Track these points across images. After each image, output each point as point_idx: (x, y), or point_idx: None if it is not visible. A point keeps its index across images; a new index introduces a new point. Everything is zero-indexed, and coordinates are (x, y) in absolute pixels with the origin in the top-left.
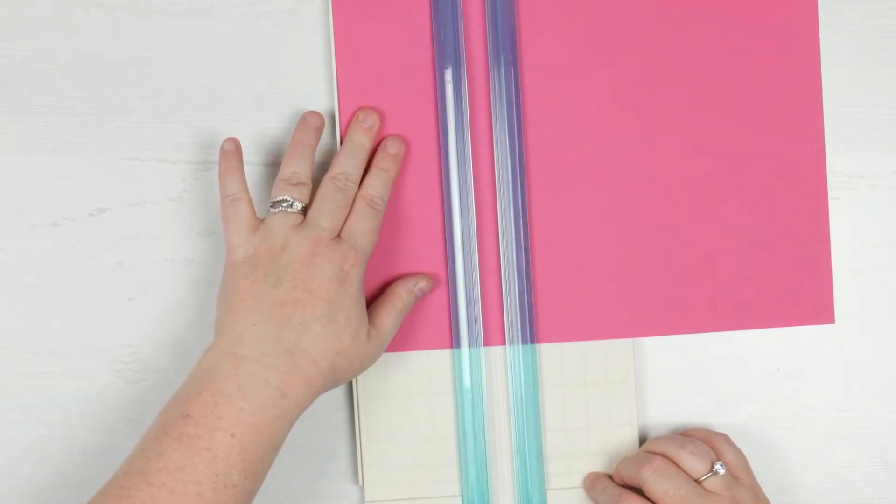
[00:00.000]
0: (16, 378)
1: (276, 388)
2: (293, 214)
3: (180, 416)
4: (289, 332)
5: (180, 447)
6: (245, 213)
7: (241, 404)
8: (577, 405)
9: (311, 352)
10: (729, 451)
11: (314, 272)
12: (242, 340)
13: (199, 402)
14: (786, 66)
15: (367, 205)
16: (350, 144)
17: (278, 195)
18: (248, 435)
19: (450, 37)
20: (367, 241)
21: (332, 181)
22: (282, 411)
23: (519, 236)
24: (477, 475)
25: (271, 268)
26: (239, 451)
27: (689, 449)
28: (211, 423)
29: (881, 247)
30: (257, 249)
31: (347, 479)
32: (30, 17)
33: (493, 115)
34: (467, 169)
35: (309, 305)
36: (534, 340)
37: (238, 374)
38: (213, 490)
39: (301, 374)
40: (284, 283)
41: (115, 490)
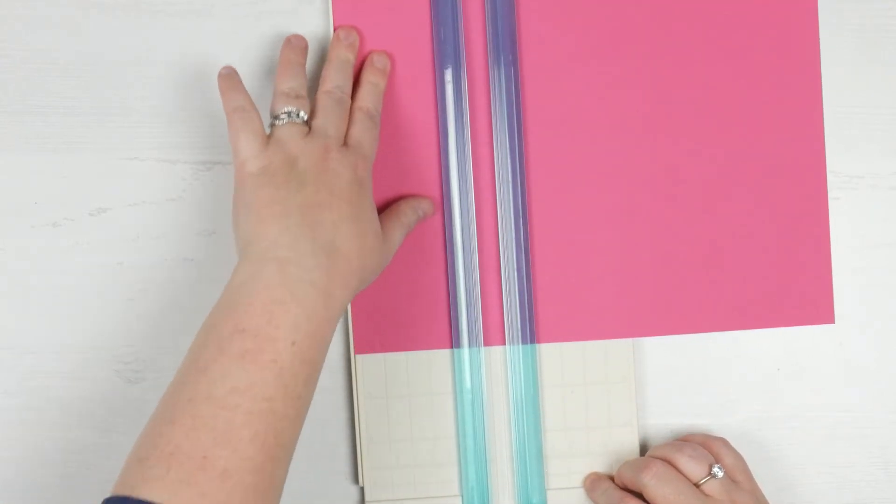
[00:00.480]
0: (16, 378)
1: (322, 289)
2: (300, 125)
3: (235, 331)
4: (322, 232)
5: (244, 363)
6: (257, 124)
7: (296, 310)
8: (577, 405)
9: (344, 250)
10: (727, 454)
11: (332, 176)
12: (279, 244)
13: (252, 313)
14: (786, 66)
15: (364, 115)
16: (336, 61)
17: (282, 108)
18: (306, 341)
19: (450, 36)
20: (372, 149)
21: (328, 95)
22: (330, 313)
23: (519, 236)
24: (477, 475)
25: (291, 175)
26: (301, 359)
27: (686, 453)
28: (270, 334)
29: (881, 247)
30: (271, 160)
31: (347, 480)
32: (30, 17)
33: (493, 114)
34: (467, 169)
35: (335, 207)
36: (534, 340)
37: (285, 279)
38: (284, 404)
39: (340, 272)
40: (308, 187)
41: (188, 419)
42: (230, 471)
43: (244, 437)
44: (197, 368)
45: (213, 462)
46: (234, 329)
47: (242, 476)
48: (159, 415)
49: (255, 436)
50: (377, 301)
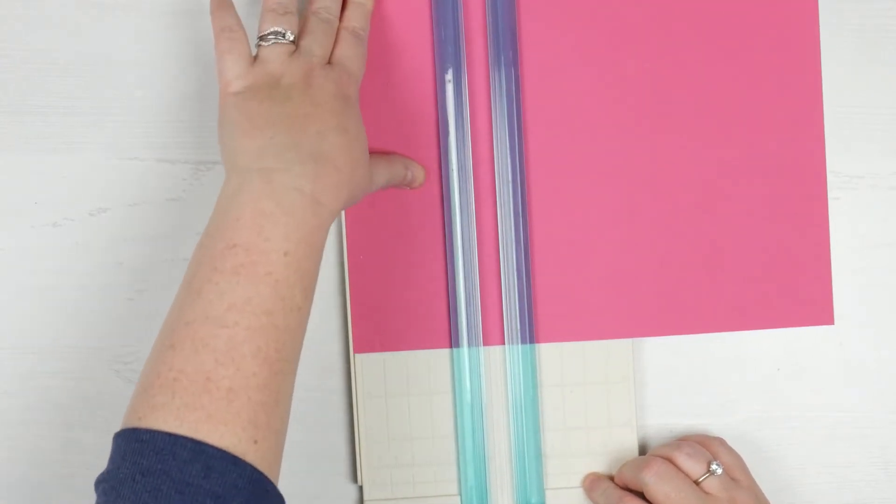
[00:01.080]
0: (16, 378)
1: (310, 196)
2: (286, 45)
3: (226, 247)
4: (307, 140)
5: (239, 279)
6: (243, 45)
7: (285, 220)
8: (577, 405)
9: (331, 158)
10: (725, 453)
11: (316, 91)
12: (264, 154)
13: (242, 227)
14: (786, 66)
15: (350, 34)
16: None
17: (269, 27)
18: (299, 250)
19: (450, 36)
20: (358, 67)
21: (315, 15)
22: (320, 220)
23: (519, 236)
24: (476, 475)
25: (275, 90)
26: (295, 268)
27: (684, 451)
28: (262, 247)
29: (881, 247)
30: (256, 79)
31: (346, 479)
32: (30, 17)
33: (494, 114)
34: (467, 169)
35: (319, 118)
36: (533, 340)
37: (272, 189)
38: (284, 316)
39: (329, 179)
40: (292, 100)
41: (188, 343)
42: (235, 389)
43: (246, 354)
44: (193, 290)
45: (217, 382)
46: (225, 245)
47: (249, 393)
48: (160, 341)
49: (258, 351)
50: (377, 301)
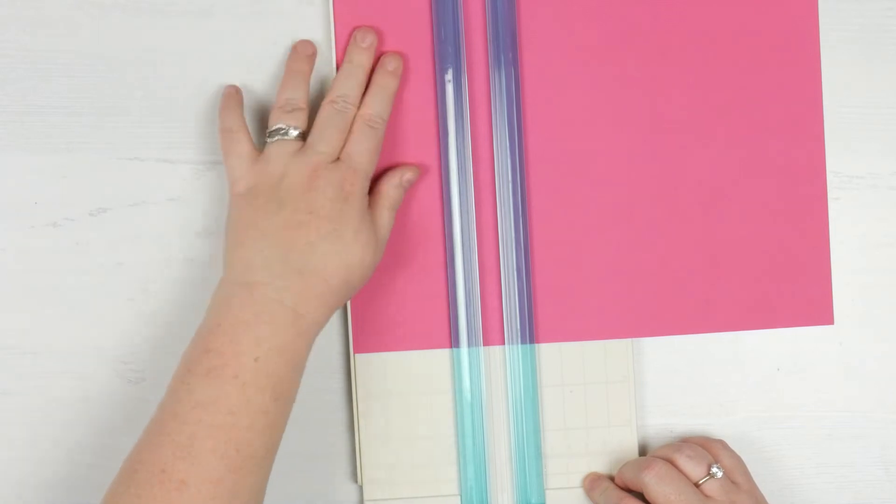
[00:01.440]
0: (16, 378)
1: (291, 308)
2: (291, 141)
3: (203, 352)
4: (296, 253)
5: (208, 380)
6: (244, 145)
7: (260, 328)
8: (577, 405)
9: (320, 270)
10: (726, 455)
11: (315, 194)
12: (252, 267)
13: (219, 333)
14: (786, 66)
15: (365, 124)
16: (348, 65)
17: (274, 124)
18: (271, 357)
19: (450, 37)
20: (367, 161)
21: (331, 104)
22: (300, 330)
23: (519, 236)
24: (476, 475)
25: (272, 195)
26: (266, 374)
27: (685, 453)
28: (234, 351)
29: (881, 247)
30: (257, 180)
31: (347, 479)
32: (30, 17)
33: (494, 115)
34: (467, 169)
35: (313, 226)
36: (533, 340)
37: (252, 301)
38: (248, 417)
39: (313, 292)
40: (286, 209)
41: (154, 437)
42: (188, 482)
43: (205, 450)
44: (170, 390)
45: (171, 475)
46: (202, 349)
47: (200, 487)
48: (140, 437)
49: (216, 448)
50: (377, 301)
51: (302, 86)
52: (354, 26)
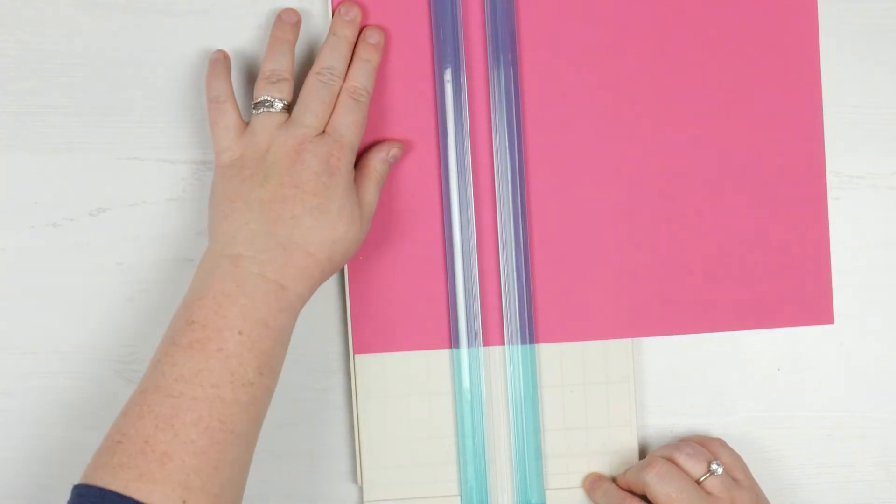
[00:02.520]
0: (16, 378)
1: (274, 281)
2: (276, 114)
3: (186, 323)
4: (280, 227)
5: (192, 353)
6: (231, 116)
7: (243, 301)
8: (577, 405)
9: (304, 244)
10: (725, 453)
11: (300, 168)
12: (236, 240)
13: (202, 306)
14: (786, 66)
15: (349, 97)
16: (333, 38)
17: (259, 96)
18: (255, 330)
19: (449, 36)
20: (353, 133)
21: (316, 76)
22: (283, 303)
23: (518, 236)
24: (476, 475)
25: (258, 168)
26: (249, 347)
27: (685, 451)
28: (217, 324)
29: (881, 247)
30: (243, 152)
31: (346, 479)
32: (30, 17)
33: (493, 114)
34: (467, 169)
35: (298, 200)
36: (533, 340)
37: (236, 273)
38: (232, 390)
39: (297, 265)
40: (271, 181)
41: (136, 409)
42: (170, 453)
43: (187, 422)
44: (152, 362)
45: (154, 446)
46: (185, 322)
47: (184, 457)
48: (121, 410)
49: (199, 420)
50: (376, 301)
51: (287, 55)
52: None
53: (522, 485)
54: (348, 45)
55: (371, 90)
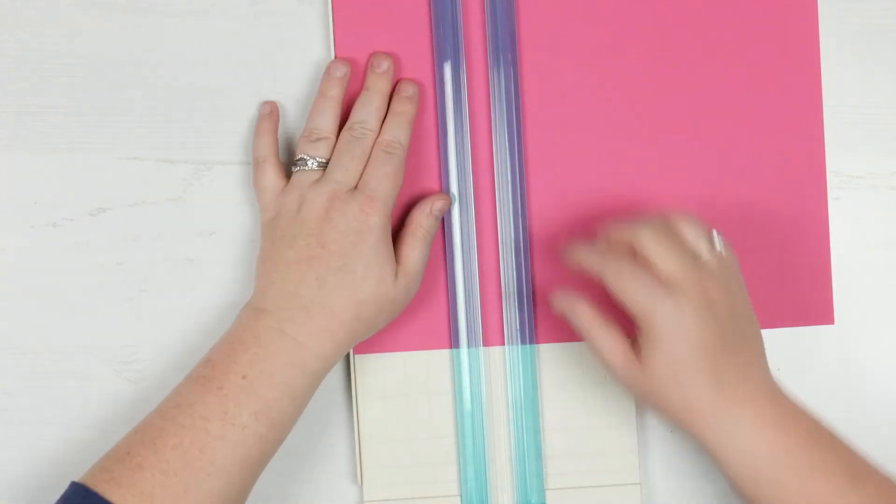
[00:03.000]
0: (16, 378)
1: (291, 338)
2: (311, 171)
3: (204, 361)
4: (304, 288)
5: (196, 387)
6: (270, 176)
7: (255, 350)
8: (577, 405)
9: (328, 305)
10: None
11: (327, 227)
12: (264, 297)
13: (219, 349)
14: (785, 66)
15: (382, 151)
16: (366, 92)
17: (298, 154)
18: (259, 378)
19: (449, 36)
20: (385, 186)
21: (349, 132)
22: (297, 359)
23: (518, 235)
24: (476, 475)
25: (288, 228)
26: (249, 392)
27: (685, 220)
28: (226, 367)
29: (881, 247)
30: (279, 211)
31: (346, 479)
32: (30, 17)
33: (493, 114)
34: (467, 169)
35: (323, 260)
36: (533, 341)
37: (256, 325)
38: (221, 427)
39: (318, 325)
40: (299, 242)
41: (138, 425)
42: (144, 466)
43: (167, 444)
44: (170, 391)
45: (132, 457)
46: (204, 359)
47: (154, 473)
48: None
49: (179, 445)
50: None
51: (329, 112)
52: (353, 30)
53: (522, 485)
54: (381, 97)
55: (406, 143)
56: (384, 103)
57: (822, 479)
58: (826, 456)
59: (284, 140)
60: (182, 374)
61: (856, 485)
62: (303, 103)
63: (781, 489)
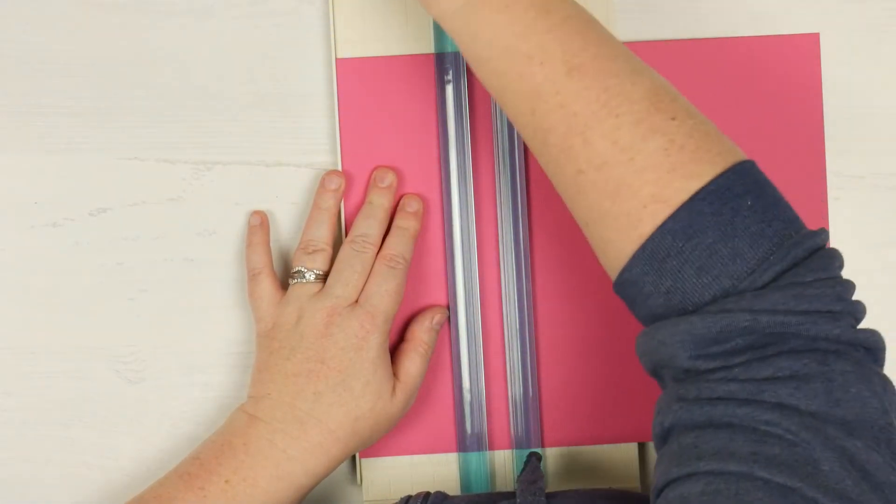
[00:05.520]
0: (16, 378)
1: (281, 450)
2: (309, 284)
3: (192, 457)
4: (301, 401)
5: (179, 482)
6: (267, 286)
7: (243, 457)
8: None
9: (324, 420)
10: None
11: (327, 343)
12: (259, 406)
13: (209, 448)
14: (786, 66)
15: (385, 265)
16: (368, 206)
17: (294, 266)
18: (241, 485)
19: (450, 42)
20: (386, 302)
21: (350, 245)
22: (283, 472)
23: (519, 251)
24: (476, 476)
25: (286, 340)
26: (230, 497)
27: None
28: (211, 468)
29: (881, 247)
30: (276, 322)
31: (346, 479)
32: (30, 17)
33: (494, 126)
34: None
35: (322, 375)
36: (532, 341)
37: (247, 432)
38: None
39: (312, 441)
40: (297, 355)
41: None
42: None
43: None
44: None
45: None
46: (192, 456)
47: None
48: None
49: None
50: None
51: (325, 224)
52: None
53: None
54: (384, 212)
55: (409, 258)
56: (387, 218)
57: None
58: (554, 37)
59: None
60: (182, 374)
61: (573, 75)
62: (302, 104)
63: (499, 74)
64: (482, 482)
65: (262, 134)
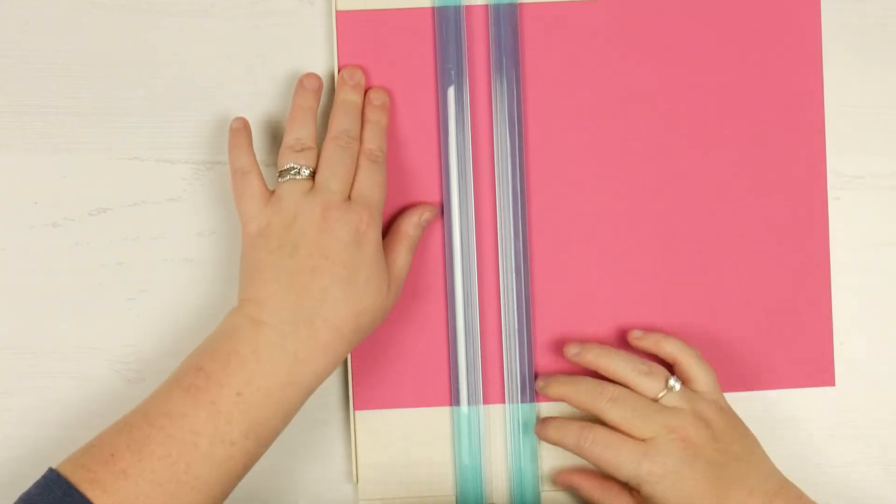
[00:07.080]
0: (16, 378)
1: (292, 354)
2: (302, 181)
3: (193, 367)
4: (308, 300)
5: (186, 396)
6: (255, 185)
7: (253, 366)
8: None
9: (331, 318)
10: (693, 365)
11: (328, 237)
12: (263, 308)
13: (214, 358)
14: (787, 66)
15: (368, 160)
16: (343, 104)
17: (285, 163)
18: (255, 396)
19: (452, 50)
20: (377, 196)
21: (334, 141)
22: (296, 378)
23: (518, 246)
24: (472, 475)
25: (286, 238)
26: (243, 410)
27: (639, 370)
28: (220, 380)
29: (881, 247)
30: (270, 220)
31: (342, 478)
32: (30, 17)
33: (495, 129)
34: (468, 174)
35: (327, 271)
36: (532, 340)
37: (255, 339)
38: (210, 443)
39: (321, 341)
40: (300, 252)
41: (119, 425)
42: (128, 473)
43: (154, 454)
44: (156, 389)
45: (117, 460)
46: (193, 366)
47: (138, 482)
48: (117, 419)
49: (166, 457)
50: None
51: (309, 123)
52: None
53: (518, 485)
54: (358, 108)
55: (385, 150)
56: (359, 113)
57: None
58: None
59: None
60: None
61: None
62: None
63: None
64: (475, 436)
65: (262, 134)
